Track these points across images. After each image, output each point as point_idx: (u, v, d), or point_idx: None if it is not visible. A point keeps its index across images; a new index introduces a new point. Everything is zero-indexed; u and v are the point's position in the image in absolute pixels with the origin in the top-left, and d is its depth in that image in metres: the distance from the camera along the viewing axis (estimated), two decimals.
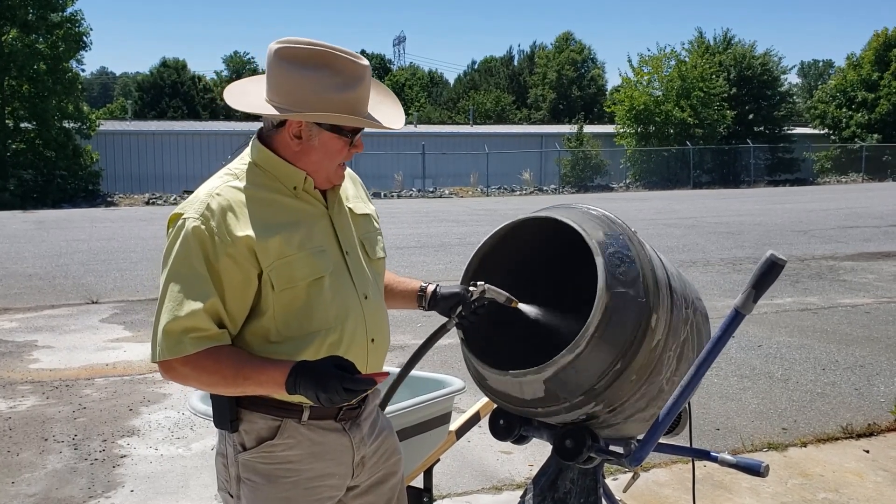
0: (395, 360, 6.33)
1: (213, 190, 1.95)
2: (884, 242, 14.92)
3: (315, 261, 1.96)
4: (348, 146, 2.00)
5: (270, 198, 1.98)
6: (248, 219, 1.91)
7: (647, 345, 2.02)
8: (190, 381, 1.90)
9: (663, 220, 19.71)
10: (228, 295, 1.89)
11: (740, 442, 4.96)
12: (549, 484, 2.29)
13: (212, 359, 1.86)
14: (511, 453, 4.78)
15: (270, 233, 1.91)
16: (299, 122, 1.95)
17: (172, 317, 1.85)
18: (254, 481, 2.00)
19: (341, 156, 2.01)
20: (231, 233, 1.88)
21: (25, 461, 4.83)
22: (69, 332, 8.41)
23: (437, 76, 76.84)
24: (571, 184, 37.51)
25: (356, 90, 1.95)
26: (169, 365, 1.87)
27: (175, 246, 1.90)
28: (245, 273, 1.89)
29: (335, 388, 1.76)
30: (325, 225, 2.04)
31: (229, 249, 1.88)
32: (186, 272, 1.87)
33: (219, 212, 1.90)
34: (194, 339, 1.84)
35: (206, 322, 1.85)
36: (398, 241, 15.31)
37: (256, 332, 1.95)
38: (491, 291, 2.17)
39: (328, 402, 1.79)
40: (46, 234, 18.43)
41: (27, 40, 29.79)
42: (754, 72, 42.96)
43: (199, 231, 1.88)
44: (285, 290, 1.92)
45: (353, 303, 2.02)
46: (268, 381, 1.85)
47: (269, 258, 1.90)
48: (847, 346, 7.34)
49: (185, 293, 1.85)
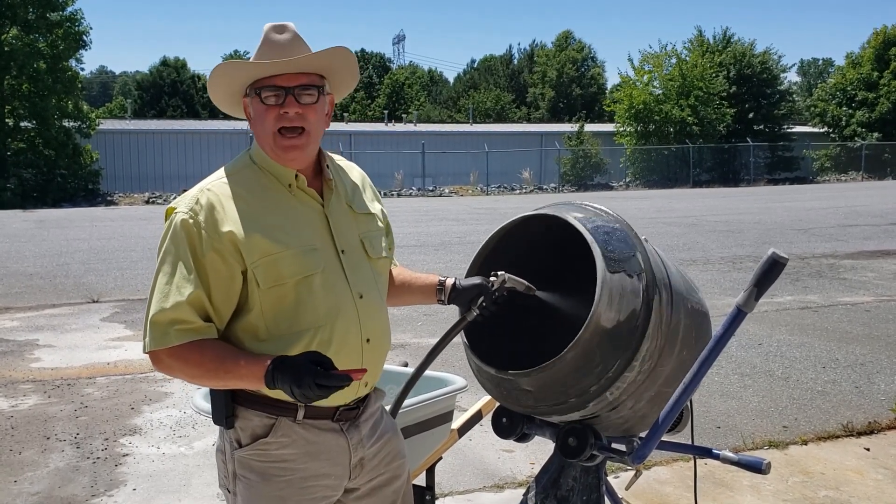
0: (396, 359, 6.33)
1: (205, 185, 1.99)
2: (884, 241, 14.93)
3: (304, 259, 1.96)
4: (272, 108, 1.95)
5: (263, 195, 1.99)
6: (235, 215, 1.93)
7: (648, 340, 2.03)
8: (176, 372, 1.93)
9: (663, 219, 19.72)
10: (214, 289, 1.91)
11: (741, 440, 4.97)
12: (552, 482, 2.29)
13: (196, 351, 1.88)
14: (513, 452, 4.79)
15: (256, 230, 1.92)
16: (246, 103, 2.01)
17: (159, 308, 1.88)
18: (249, 478, 2.00)
19: (268, 122, 1.96)
20: (217, 228, 1.91)
21: (28, 460, 4.83)
22: (70, 331, 8.42)
23: (436, 75, 76.86)
24: (571, 182, 37.51)
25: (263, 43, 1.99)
26: (157, 356, 1.90)
27: (166, 240, 1.93)
28: (230, 268, 1.91)
29: (308, 383, 1.76)
30: (319, 223, 2.03)
31: (216, 244, 1.90)
32: (174, 265, 1.90)
33: (207, 207, 1.93)
34: (179, 330, 1.87)
35: (190, 315, 1.88)
36: (398, 240, 15.11)
37: (246, 330, 1.96)
38: (511, 281, 2.17)
39: (302, 398, 1.79)
40: (47, 233, 18.44)
41: (27, 39, 29.80)
42: (754, 70, 42.94)
43: (188, 225, 1.91)
44: (272, 287, 1.93)
45: (346, 302, 2.01)
46: (248, 375, 1.86)
47: (254, 255, 1.91)
48: (847, 344, 7.35)
49: (172, 286, 1.89)
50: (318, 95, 1.99)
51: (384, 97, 61.82)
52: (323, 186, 2.08)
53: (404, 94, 62.17)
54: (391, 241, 2.25)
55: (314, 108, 1.99)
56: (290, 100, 1.94)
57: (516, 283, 2.17)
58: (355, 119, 53.21)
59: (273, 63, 1.93)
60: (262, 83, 1.96)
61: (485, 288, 2.17)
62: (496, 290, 2.17)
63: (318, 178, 2.08)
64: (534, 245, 2.37)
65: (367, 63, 69.89)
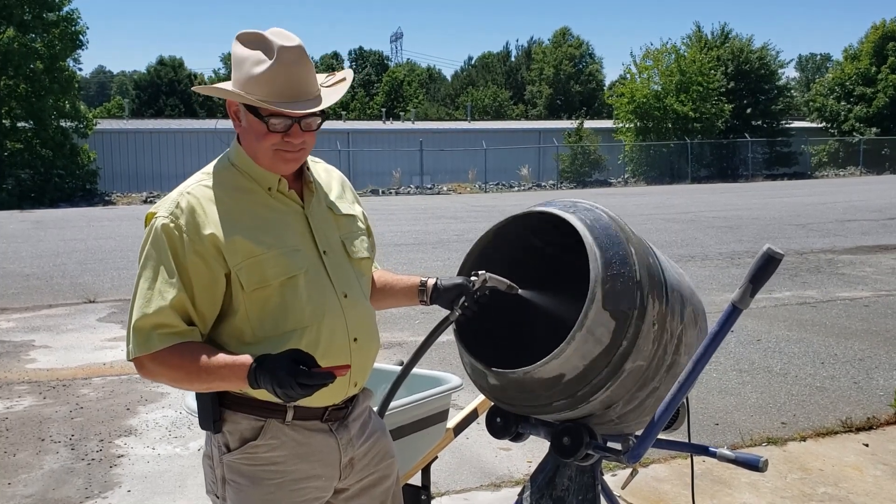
0: (393, 357, 6.31)
1: (185, 188, 1.97)
2: (882, 235, 14.92)
3: (287, 260, 1.94)
4: (274, 133, 1.90)
5: (243, 197, 1.97)
6: (216, 217, 1.91)
7: (642, 338, 2.01)
8: (160, 377, 1.91)
9: (662, 215, 19.70)
10: (197, 292, 1.89)
11: (739, 437, 4.95)
12: (547, 481, 2.27)
13: (177, 355, 1.86)
14: (509, 450, 4.77)
15: (238, 232, 1.90)
16: (234, 103, 1.96)
17: (142, 314, 1.86)
18: (238, 483, 1.98)
19: (268, 141, 1.92)
20: (198, 231, 1.89)
21: (22, 462, 4.81)
22: (66, 332, 8.39)
23: (434, 72, 76.84)
24: (570, 179, 37.50)
25: (276, 69, 1.87)
26: (140, 362, 1.89)
27: (146, 244, 1.91)
28: (213, 272, 1.89)
29: (289, 383, 1.74)
30: (300, 224, 2.02)
31: (197, 247, 1.88)
32: (156, 270, 1.88)
33: (188, 210, 1.90)
34: (162, 335, 1.85)
35: (173, 319, 1.86)
36: (396, 238, 15.29)
37: (231, 333, 1.95)
38: (492, 280, 2.16)
39: (285, 398, 1.77)
40: (44, 233, 18.40)
41: (24, 39, 29.75)
42: (752, 66, 42.92)
43: (168, 229, 1.89)
44: (257, 289, 1.91)
45: (332, 302, 1.99)
46: (230, 376, 1.84)
47: (237, 258, 1.90)
48: (846, 340, 7.33)
49: (155, 291, 1.87)
50: (320, 122, 1.99)
51: (383, 95, 61.80)
52: (303, 188, 2.06)
53: (403, 92, 62.14)
54: (372, 243, 2.23)
55: (314, 132, 1.98)
56: (296, 128, 1.92)
57: (498, 283, 2.16)
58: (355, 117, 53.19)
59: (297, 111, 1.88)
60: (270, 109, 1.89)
61: (466, 287, 2.16)
62: (477, 289, 2.15)
63: (298, 180, 2.07)
64: (528, 242, 2.35)
65: (366, 61, 69.86)
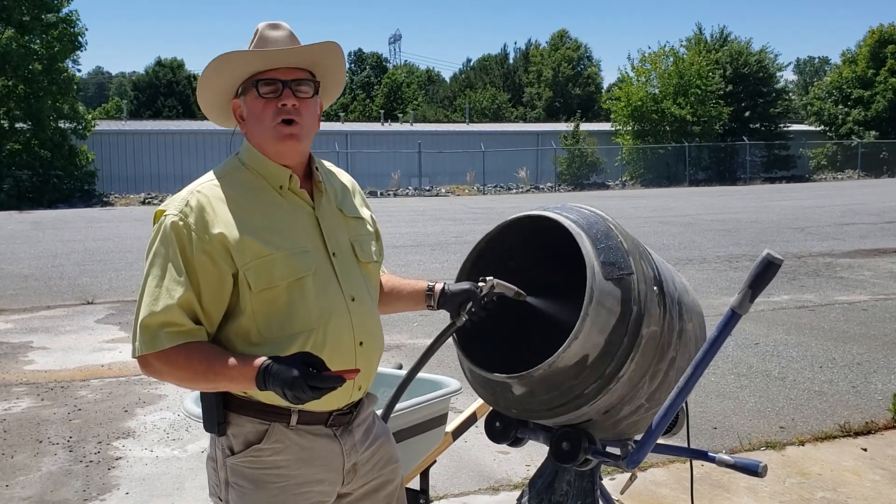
0: (391, 360, 6.29)
1: (195, 187, 1.97)
2: (880, 239, 14.93)
3: (295, 261, 1.94)
4: (270, 103, 1.95)
5: (253, 197, 1.97)
6: (225, 216, 1.91)
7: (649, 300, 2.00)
8: (165, 376, 1.90)
9: (659, 218, 19.71)
10: (205, 291, 1.88)
11: (738, 441, 4.95)
12: (546, 486, 2.27)
13: (183, 354, 1.85)
14: (508, 454, 4.76)
15: (247, 232, 1.91)
16: (237, 106, 2.00)
17: (149, 312, 1.86)
18: (241, 486, 1.98)
19: (266, 116, 1.95)
20: (207, 230, 1.89)
21: (20, 464, 4.80)
22: (64, 333, 8.38)
23: (433, 74, 76.81)
24: (568, 182, 37.51)
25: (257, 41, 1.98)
26: (146, 360, 1.87)
27: (155, 242, 1.91)
28: (220, 271, 1.89)
29: (300, 385, 1.73)
30: (310, 225, 2.02)
31: (206, 246, 1.88)
32: (164, 268, 1.88)
33: (197, 209, 1.90)
34: (169, 333, 1.85)
35: (181, 317, 1.85)
36: (395, 240, 15.28)
37: (238, 333, 1.94)
38: (500, 286, 2.16)
39: (295, 400, 1.76)
40: (42, 234, 18.38)
41: (22, 41, 29.73)
42: (750, 69, 42.97)
43: (177, 227, 1.89)
44: (265, 290, 1.90)
45: (339, 304, 1.99)
46: (238, 377, 1.83)
47: (245, 257, 1.89)
48: (844, 344, 7.33)
49: (162, 289, 1.86)
50: (312, 92, 2.00)
51: (381, 97, 61.80)
52: (313, 189, 2.06)
53: (401, 94, 62.15)
54: (380, 247, 2.23)
55: (308, 102, 1.99)
56: (287, 92, 1.95)
57: (505, 289, 2.16)
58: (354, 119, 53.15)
59: (275, 52, 1.93)
60: (258, 76, 1.95)
61: (473, 293, 2.16)
62: (485, 295, 2.15)
63: (308, 180, 2.07)
64: (525, 246, 2.35)
65: (365, 63, 69.83)
